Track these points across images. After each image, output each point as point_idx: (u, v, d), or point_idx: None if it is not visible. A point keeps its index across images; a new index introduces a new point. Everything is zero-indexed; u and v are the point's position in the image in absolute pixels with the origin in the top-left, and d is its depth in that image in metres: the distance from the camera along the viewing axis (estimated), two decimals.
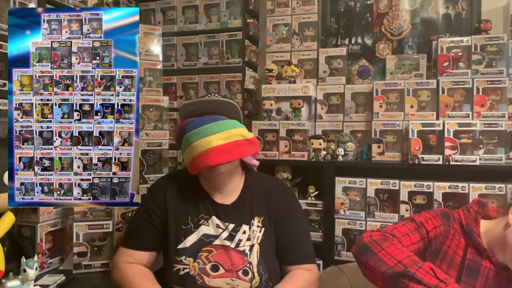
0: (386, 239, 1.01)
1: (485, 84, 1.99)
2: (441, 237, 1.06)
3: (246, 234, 1.18)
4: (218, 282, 1.11)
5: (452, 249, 1.04)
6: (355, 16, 2.56)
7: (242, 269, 1.13)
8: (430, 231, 1.06)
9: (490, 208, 1.11)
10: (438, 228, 1.06)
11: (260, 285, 1.13)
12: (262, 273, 1.14)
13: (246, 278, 1.12)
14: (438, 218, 1.08)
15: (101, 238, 1.47)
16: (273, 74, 2.33)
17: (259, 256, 1.15)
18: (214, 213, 1.20)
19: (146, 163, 2.03)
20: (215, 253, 1.14)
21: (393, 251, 0.97)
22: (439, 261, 1.04)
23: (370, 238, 1.02)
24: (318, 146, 2.09)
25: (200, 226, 1.18)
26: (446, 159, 1.90)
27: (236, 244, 1.16)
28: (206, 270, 1.12)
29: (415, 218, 1.10)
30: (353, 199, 2.10)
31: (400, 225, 1.08)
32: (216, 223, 1.19)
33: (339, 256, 2.09)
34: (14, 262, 1.26)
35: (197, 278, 1.11)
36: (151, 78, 2.11)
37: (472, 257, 1.03)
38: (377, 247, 0.99)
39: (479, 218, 1.07)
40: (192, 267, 1.12)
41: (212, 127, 1.12)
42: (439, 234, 1.06)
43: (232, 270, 1.12)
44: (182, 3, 2.60)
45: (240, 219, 1.20)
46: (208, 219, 1.19)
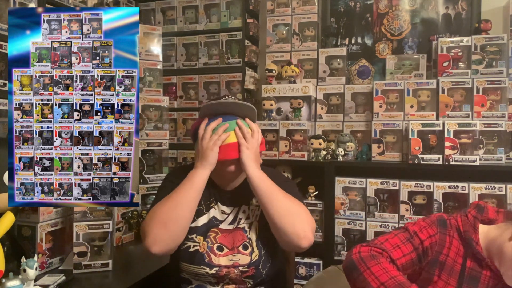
0: (373, 257, 0.98)
1: (485, 84, 1.99)
2: (437, 246, 1.03)
3: (246, 213, 1.27)
4: (222, 260, 1.19)
5: (451, 258, 1.02)
6: (355, 16, 2.56)
7: (242, 244, 1.21)
8: (424, 241, 1.03)
9: (490, 210, 1.08)
10: (434, 237, 1.04)
11: (259, 258, 1.20)
12: (261, 247, 1.22)
13: (246, 252, 1.20)
14: (433, 227, 1.06)
15: (101, 238, 1.47)
16: (273, 74, 2.33)
17: (259, 232, 1.24)
18: (219, 200, 1.29)
19: (146, 163, 2.04)
20: (220, 236, 1.22)
21: (377, 271, 0.95)
22: (437, 271, 1.02)
23: (358, 255, 1.00)
24: (318, 146, 2.09)
25: (211, 208, 1.27)
26: (446, 159, 1.90)
27: (237, 223, 1.25)
28: (213, 249, 1.20)
29: (409, 227, 1.06)
30: (353, 199, 2.10)
31: (392, 235, 1.06)
32: (222, 209, 1.28)
33: (339, 256, 2.09)
34: (14, 262, 1.26)
35: (205, 255, 1.18)
36: (151, 78, 2.11)
37: (472, 265, 1.00)
38: (363, 265, 0.97)
39: (477, 224, 1.03)
40: (202, 245, 1.20)
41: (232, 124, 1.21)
42: (434, 243, 1.03)
43: (233, 248, 1.21)
44: (182, 3, 2.60)
45: (241, 201, 1.29)
46: (215, 205, 1.28)
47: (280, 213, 1.13)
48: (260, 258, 1.20)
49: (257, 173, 1.18)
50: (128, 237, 1.85)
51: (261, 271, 1.19)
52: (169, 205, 1.15)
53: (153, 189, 2.01)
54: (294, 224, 1.13)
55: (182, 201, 1.15)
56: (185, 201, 1.15)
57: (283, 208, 1.14)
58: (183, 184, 1.17)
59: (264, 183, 1.17)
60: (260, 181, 1.17)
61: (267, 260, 1.21)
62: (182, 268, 1.21)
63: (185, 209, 1.15)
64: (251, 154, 1.18)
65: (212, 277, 1.18)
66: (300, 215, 1.15)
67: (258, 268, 1.19)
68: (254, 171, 1.18)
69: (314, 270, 2.14)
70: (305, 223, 1.15)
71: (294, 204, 1.17)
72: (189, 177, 1.18)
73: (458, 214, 1.09)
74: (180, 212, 1.14)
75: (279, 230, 1.14)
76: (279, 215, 1.13)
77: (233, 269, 1.17)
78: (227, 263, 1.18)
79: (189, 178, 1.18)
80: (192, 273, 1.19)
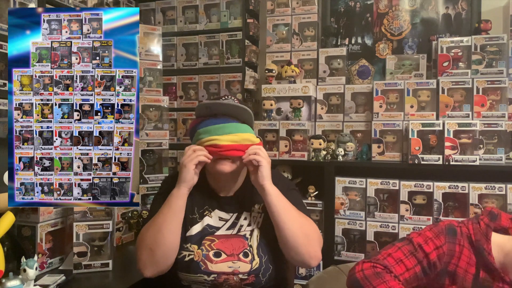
0: (378, 275, 0.97)
1: (485, 84, 1.99)
2: (445, 257, 1.00)
3: (247, 220, 1.25)
4: (220, 267, 1.17)
5: (461, 268, 0.99)
6: (355, 16, 2.56)
7: (243, 252, 1.19)
8: (430, 253, 0.99)
9: (504, 217, 1.03)
10: (441, 248, 1.00)
11: (260, 267, 1.18)
12: (262, 255, 1.19)
13: (247, 259, 1.18)
14: (441, 236, 1.01)
15: (101, 238, 1.47)
16: (273, 74, 2.33)
17: (259, 240, 1.21)
18: (217, 207, 1.26)
19: (146, 163, 2.04)
20: (217, 242, 1.20)
21: None
22: (448, 281, 0.99)
23: (362, 273, 0.98)
24: (318, 146, 2.09)
25: (205, 216, 1.25)
26: (446, 159, 1.90)
27: (238, 230, 1.23)
28: (209, 256, 1.17)
29: (414, 239, 1.03)
30: (353, 199, 2.10)
31: (395, 249, 1.03)
32: (219, 216, 1.25)
33: (339, 256, 2.09)
34: (14, 262, 1.26)
35: (201, 264, 1.16)
36: (151, 78, 2.11)
37: (485, 276, 0.97)
38: (369, 285, 0.96)
39: (490, 233, 0.99)
40: (197, 254, 1.18)
41: (224, 127, 1.18)
42: (442, 254, 1.00)
43: (233, 254, 1.18)
44: (182, 3, 2.60)
45: (242, 207, 1.26)
46: (211, 212, 1.26)
47: (294, 233, 1.13)
48: (261, 266, 1.18)
49: (275, 191, 1.17)
50: (128, 237, 1.85)
51: (261, 279, 1.18)
52: (153, 228, 1.15)
53: (153, 189, 2.01)
54: (306, 244, 1.13)
55: (163, 225, 1.14)
56: (166, 224, 1.15)
57: (297, 228, 1.13)
58: (163, 207, 1.17)
59: (280, 201, 1.16)
60: (277, 199, 1.16)
61: (268, 268, 1.19)
62: (181, 277, 1.19)
63: (167, 232, 1.14)
64: (269, 171, 1.18)
65: (210, 284, 1.17)
66: (312, 235, 1.15)
67: (258, 276, 1.17)
68: (271, 187, 1.17)
69: (314, 270, 2.14)
70: (315, 242, 1.15)
71: (306, 222, 1.17)
72: (168, 198, 1.18)
73: (470, 221, 1.05)
74: (163, 236, 1.13)
75: (291, 250, 1.14)
76: (293, 235, 1.13)
77: (233, 277, 1.16)
78: (226, 270, 1.16)
79: (167, 201, 1.18)
80: (191, 281, 1.18)
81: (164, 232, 1.14)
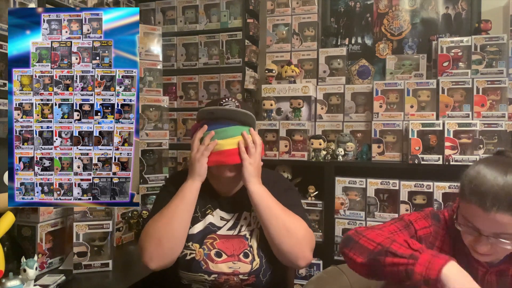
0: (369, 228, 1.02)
1: (485, 84, 1.99)
2: (430, 238, 1.04)
3: (247, 220, 1.25)
4: (221, 267, 1.17)
5: (444, 251, 1.02)
6: (355, 16, 2.56)
7: (243, 252, 1.19)
8: (419, 230, 1.04)
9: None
10: (428, 229, 1.05)
11: (260, 267, 1.18)
12: (262, 255, 1.19)
13: (247, 260, 1.18)
14: (428, 219, 1.07)
15: (101, 238, 1.47)
16: (273, 74, 2.33)
17: (260, 240, 1.21)
18: (218, 206, 1.27)
19: (146, 163, 2.04)
20: (219, 242, 1.20)
21: (373, 236, 0.98)
22: None
23: (354, 231, 1.04)
24: (318, 146, 2.09)
25: (207, 215, 1.25)
26: (446, 159, 1.90)
27: (238, 230, 1.23)
28: (210, 256, 1.18)
29: (405, 217, 1.09)
30: (353, 199, 2.10)
31: (388, 224, 1.08)
32: (221, 215, 1.26)
33: (339, 256, 2.09)
34: (14, 262, 1.26)
35: (202, 263, 1.16)
36: (151, 78, 2.11)
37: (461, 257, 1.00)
38: (358, 235, 1.00)
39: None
40: (198, 253, 1.18)
41: (226, 131, 1.19)
42: (428, 234, 1.04)
43: (234, 255, 1.18)
44: (182, 3, 2.60)
45: (242, 207, 1.26)
46: (213, 211, 1.26)
47: (278, 232, 1.12)
48: (261, 267, 1.18)
49: (258, 189, 1.17)
50: (128, 237, 1.85)
51: (261, 279, 1.18)
52: (162, 221, 1.15)
53: (153, 189, 2.01)
54: (292, 244, 1.12)
55: (174, 217, 1.14)
56: (177, 216, 1.15)
57: (282, 227, 1.12)
58: (174, 199, 1.17)
59: (264, 200, 1.16)
60: (261, 198, 1.16)
61: (268, 268, 1.19)
62: (181, 276, 1.19)
63: (178, 224, 1.14)
64: (254, 170, 1.18)
65: (211, 284, 1.17)
66: (299, 234, 1.14)
67: (258, 277, 1.17)
68: (255, 186, 1.17)
69: (314, 270, 2.14)
70: (303, 243, 1.14)
71: (294, 222, 1.15)
72: (180, 190, 1.18)
73: (445, 209, 1.11)
74: (173, 228, 1.13)
75: (276, 249, 1.14)
76: (278, 234, 1.12)
77: (233, 277, 1.16)
78: (227, 271, 1.16)
79: (180, 192, 1.18)
80: (192, 280, 1.19)
81: (175, 224, 1.14)
